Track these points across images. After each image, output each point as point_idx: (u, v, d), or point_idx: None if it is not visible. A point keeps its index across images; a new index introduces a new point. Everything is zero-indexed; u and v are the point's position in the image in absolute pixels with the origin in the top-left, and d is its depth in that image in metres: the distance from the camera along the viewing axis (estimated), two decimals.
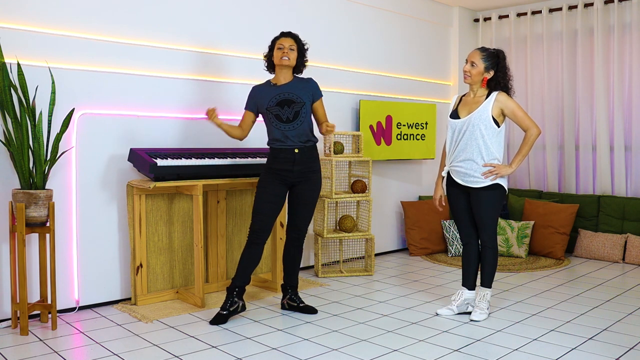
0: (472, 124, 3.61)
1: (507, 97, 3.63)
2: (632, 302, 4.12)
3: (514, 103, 3.62)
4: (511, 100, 3.62)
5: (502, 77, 3.65)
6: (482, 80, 3.65)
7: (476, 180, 3.64)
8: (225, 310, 3.61)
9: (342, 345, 3.24)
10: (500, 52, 3.67)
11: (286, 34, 3.74)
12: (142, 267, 3.98)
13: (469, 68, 3.65)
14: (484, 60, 3.62)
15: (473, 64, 3.63)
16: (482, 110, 3.61)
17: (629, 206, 5.61)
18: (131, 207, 3.93)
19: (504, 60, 3.66)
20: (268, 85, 3.76)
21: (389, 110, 5.75)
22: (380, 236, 5.88)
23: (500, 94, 3.63)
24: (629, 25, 5.76)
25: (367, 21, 5.63)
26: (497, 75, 3.64)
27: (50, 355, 3.06)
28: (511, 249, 5.69)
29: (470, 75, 3.65)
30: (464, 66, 3.69)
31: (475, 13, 6.82)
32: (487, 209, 3.67)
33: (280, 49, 3.68)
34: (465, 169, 3.66)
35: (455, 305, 3.81)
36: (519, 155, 3.64)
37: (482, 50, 3.65)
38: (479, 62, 3.62)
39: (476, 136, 3.61)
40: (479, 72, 3.63)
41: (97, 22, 3.85)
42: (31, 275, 3.63)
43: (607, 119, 5.87)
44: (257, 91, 3.78)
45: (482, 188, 3.64)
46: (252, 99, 3.79)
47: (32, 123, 3.37)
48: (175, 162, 3.78)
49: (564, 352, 3.15)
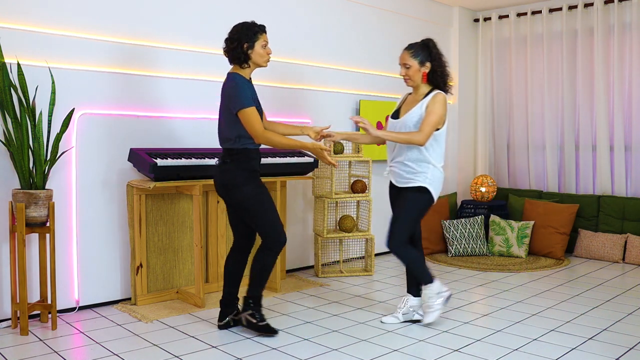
0: (405, 125, 3.47)
1: (442, 99, 3.44)
2: (632, 302, 4.12)
3: (440, 108, 3.40)
4: (441, 104, 3.41)
5: (438, 66, 3.47)
6: (422, 77, 3.48)
7: (403, 181, 3.51)
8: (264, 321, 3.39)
9: (342, 345, 3.24)
10: (429, 41, 3.51)
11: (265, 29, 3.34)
12: (142, 267, 3.98)
13: (405, 71, 3.50)
14: (414, 56, 3.46)
15: (406, 66, 3.48)
16: (414, 112, 3.46)
17: (629, 206, 5.61)
18: (131, 207, 3.93)
19: (435, 48, 3.49)
20: (249, 81, 3.36)
21: (389, 110, 5.72)
22: (380, 236, 5.86)
23: (440, 93, 3.47)
24: (629, 25, 5.76)
25: (367, 21, 5.63)
26: (434, 65, 3.47)
27: (50, 355, 3.05)
28: (511, 249, 5.69)
29: (409, 77, 3.50)
30: (400, 72, 3.54)
31: (475, 13, 6.82)
32: (405, 206, 3.47)
33: (264, 47, 3.31)
34: (397, 170, 3.53)
35: (401, 313, 3.64)
36: (392, 134, 3.40)
37: (409, 48, 3.50)
38: (411, 61, 3.46)
39: None
40: (415, 71, 3.47)
41: (97, 22, 3.85)
42: (31, 275, 3.63)
43: (607, 119, 5.87)
44: (250, 86, 3.34)
45: (408, 188, 3.49)
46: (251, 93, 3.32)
47: (32, 123, 3.37)
48: (175, 162, 3.78)
49: (564, 352, 3.15)
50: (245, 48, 3.25)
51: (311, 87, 5.15)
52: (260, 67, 3.36)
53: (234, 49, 3.26)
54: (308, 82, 5.12)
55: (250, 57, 3.28)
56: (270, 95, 4.78)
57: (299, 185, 5.10)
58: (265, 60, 3.33)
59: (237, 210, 3.39)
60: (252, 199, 3.28)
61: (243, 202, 3.30)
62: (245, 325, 3.40)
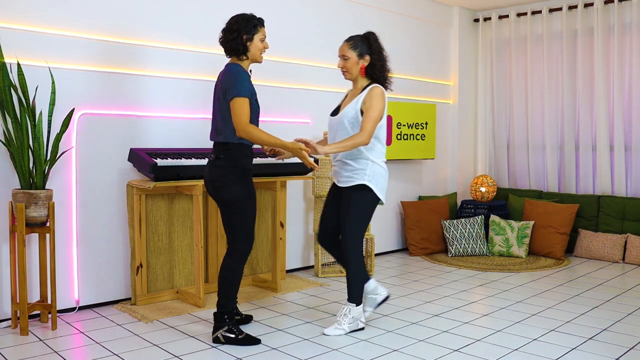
0: (341, 122, 3.38)
1: (380, 92, 3.34)
2: (632, 302, 4.12)
3: (378, 102, 3.30)
4: (379, 97, 3.31)
5: (377, 59, 3.39)
6: (361, 70, 3.40)
7: (343, 180, 3.40)
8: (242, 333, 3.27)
9: (342, 345, 3.24)
10: (370, 35, 3.42)
11: (263, 23, 3.30)
12: (142, 267, 3.98)
13: (343, 63, 3.41)
14: (353, 48, 3.37)
15: (345, 57, 3.39)
16: (350, 107, 3.36)
17: (629, 206, 5.61)
18: (131, 207, 3.93)
19: (375, 42, 3.41)
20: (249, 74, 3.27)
21: (389, 110, 5.74)
22: (380, 236, 5.88)
23: (376, 87, 3.36)
24: (629, 25, 5.76)
25: (367, 21, 5.62)
26: (373, 58, 3.39)
27: (50, 355, 3.05)
28: (511, 249, 5.69)
29: (347, 69, 3.41)
30: (338, 63, 3.45)
31: (475, 13, 6.82)
32: (350, 208, 3.35)
33: (262, 41, 3.25)
34: (338, 169, 3.42)
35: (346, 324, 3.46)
36: (336, 145, 3.22)
37: (349, 40, 3.40)
38: (350, 53, 3.37)
39: (342, 134, 3.35)
40: (353, 63, 3.38)
41: (97, 22, 3.85)
42: (31, 275, 3.63)
43: (607, 119, 5.87)
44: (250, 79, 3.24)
45: (349, 188, 3.37)
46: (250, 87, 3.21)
47: (32, 123, 3.37)
48: (175, 162, 3.78)
49: (564, 352, 3.15)
50: (244, 40, 3.18)
51: (311, 87, 5.15)
52: (256, 61, 3.29)
53: (232, 40, 3.18)
54: (308, 82, 5.12)
55: (249, 49, 3.21)
56: (270, 95, 4.78)
57: (299, 185, 5.10)
58: (260, 55, 3.27)
59: (219, 206, 3.28)
60: (238, 200, 3.19)
61: (228, 201, 3.19)
62: (224, 342, 3.22)
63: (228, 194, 3.19)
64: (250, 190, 3.24)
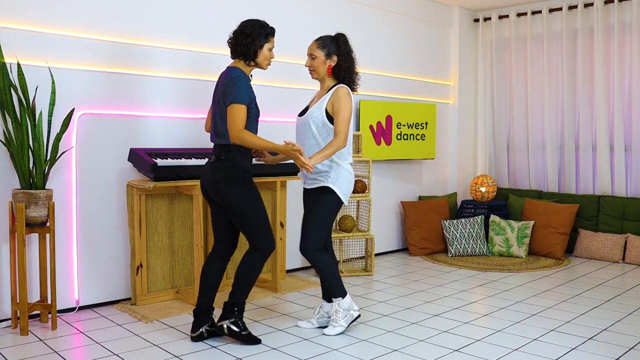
0: (306, 122, 3.37)
1: (346, 92, 3.32)
2: (632, 302, 4.12)
3: (346, 102, 3.29)
4: (345, 98, 3.30)
5: (345, 60, 3.37)
6: (327, 70, 3.39)
7: (309, 182, 3.41)
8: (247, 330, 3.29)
9: (342, 345, 3.24)
10: (340, 36, 3.42)
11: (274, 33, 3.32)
12: (142, 267, 3.98)
13: (310, 62, 3.40)
14: (321, 48, 3.36)
15: (312, 56, 3.38)
16: (315, 108, 3.36)
17: (629, 206, 5.61)
18: (131, 207, 3.93)
19: (345, 43, 3.40)
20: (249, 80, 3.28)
21: (389, 110, 5.75)
22: (380, 236, 5.88)
23: (341, 87, 3.35)
24: (629, 25, 5.76)
25: (367, 21, 5.63)
26: (340, 59, 3.38)
27: (50, 355, 3.06)
28: (511, 249, 5.69)
29: (314, 69, 3.40)
30: (306, 62, 3.45)
31: (475, 13, 6.82)
32: (313, 210, 3.37)
33: (270, 50, 3.27)
34: (304, 171, 3.33)
35: (315, 319, 3.55)
36: (319, 155, 3.19)
37: (317, 40, 3.40)
38: (317, 52, 3.36)
39: (308, 136, 3.36)
40: (321, 62, 3.37)
41: (97, 22, 3.85)
42: (31, 275, 3.63)
43: (607, 119, 5.87)
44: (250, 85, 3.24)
45: (313, 190, 3.39)
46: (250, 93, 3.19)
47: (32, 123, 3.37)
48: (175, 162, 3.78)
49: (564, 352, 3.15)
50: (256, 46, 3.18)
51: (311, 87, 5.14)
52: (261, 69, 3.31)
53: (246, 44, 3.16)
54: (308, 82, 5.12)
55: (258, 56, 3.22)
56: (270, 95, 4.78)
57: (299, 185, 5.10)
58: (267, 64, 3.28)
59: (225, 210, 3.26)
60: (243, 200, 3.17)
61: (233, 203, 3.17)
62: (227, 333, 3.22)
63: (231, 195, 3.17)
64: (252, 188, 3.22)
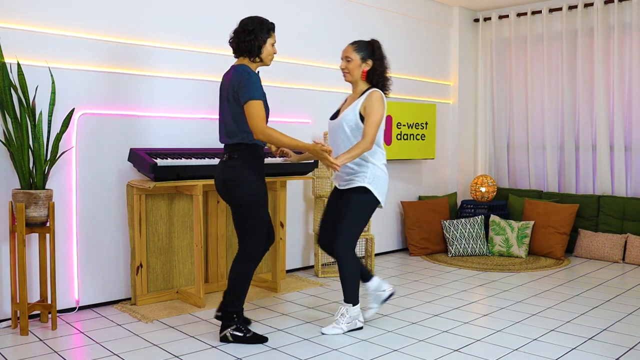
0: (340, 125, 3.41)
1: (379, 97, 3.37)
2: (632, 302, 4.12)
3: (379, 106, 3.33)
4: (379, 102, 3.34)
5: (379, 65, 3.44)
6: (362, 73, 3.44)
7: (343, 184, 3.45)
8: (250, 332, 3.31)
9: (342, 345, 3.24)
10: (375, 42, 3.48)
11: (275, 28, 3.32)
12: (142, 267, 3.98)
13: (345, 64, 3.44)
14: (357, 51, 3.41)
15: (348, 59, 3.43)
16: (349, 110, 3.40)
17: (629, 206, 5.61)
18: (131, 207, 3.93)
19: (379, 49, 3.47)
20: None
21: (389, 110, 5.74)
22: (380, 236, 5.88)
23: (376, 91, 3.39)
24: (629, 25, 5.76)
25: (367, 21, 5.63)
26: (375, 63, 3.44)
27: (50, 355, 3.06)
28: (511, 249, 5.69)
29: (349, 71, 3.45)
30: (340, 65, 3.48)
31: (475, 13, 6.82)
32: (348, 209, 3.37)
33: (273, 45, 3.27)
34: (339, 172, 3.44)
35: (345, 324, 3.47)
36: (345, 156, 3.22)
37: (353, 43, 3.45)
38: (354, 55, 3.41)
39: (342, 139, 3.40)
40: (356, 65, 3.42)
41: (97, 22, 3.85)
42: (31, 275, 3.63)
43: (607, 119, 5.87)
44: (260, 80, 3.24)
45: (349, 190, 3.40)
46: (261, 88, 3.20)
47: (32, 123, 3.37)
48: (175, 162, 3.78)
49: (564, 352, 3.15)
50: (259, 41, 3.19)
51: (311, 87, 5.15)
52: (265, 65, 3.30)
53: (250, 41, 3.16)
54: (308, 82, 5.13)
55: (262, 52, 3.22)
56: (270, 95, 4.73)
57: (299, 185, 5.10)
58: (271, 60, 3.29)
59: (231, 207, 3.25)
60: (250, 201, 3.16)
61: (240, 202, 3.16)
62: (232, 341, 3.25)
63: (240, 195, 3.16)
64: (262, 191, 3.22)
